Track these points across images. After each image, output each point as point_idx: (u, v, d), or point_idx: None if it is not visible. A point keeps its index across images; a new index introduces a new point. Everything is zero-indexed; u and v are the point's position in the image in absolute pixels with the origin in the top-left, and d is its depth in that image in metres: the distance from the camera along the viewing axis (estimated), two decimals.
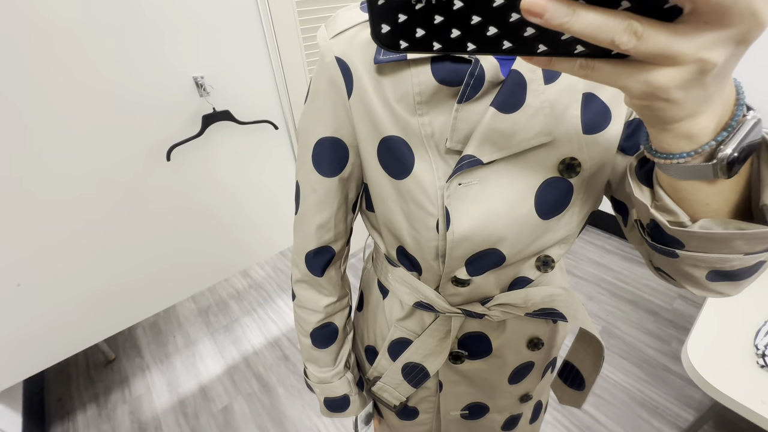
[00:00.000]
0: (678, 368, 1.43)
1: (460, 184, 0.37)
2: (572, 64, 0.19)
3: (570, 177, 0.37)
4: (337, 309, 0.54)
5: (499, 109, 0.35)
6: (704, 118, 0.21)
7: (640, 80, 0.18)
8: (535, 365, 0.53)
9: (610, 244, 2.11)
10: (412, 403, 0.59)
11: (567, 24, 0.16)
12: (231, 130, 1.33)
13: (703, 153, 0.22)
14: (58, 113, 1.00)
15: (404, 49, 0.20)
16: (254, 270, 2.14)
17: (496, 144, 0.35)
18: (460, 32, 0.19)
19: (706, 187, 0.25)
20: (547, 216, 0.39)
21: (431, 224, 0.40)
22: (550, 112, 0.35)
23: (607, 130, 0.36)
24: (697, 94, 0.19)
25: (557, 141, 0.36)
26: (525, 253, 0.42)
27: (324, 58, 0.40)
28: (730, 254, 0.27)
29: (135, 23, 1.03)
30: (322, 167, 0.44)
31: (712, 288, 0.33)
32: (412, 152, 0.38)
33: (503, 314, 0.46)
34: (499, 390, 0.54)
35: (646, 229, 0.32)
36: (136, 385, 1.54)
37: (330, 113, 0.42)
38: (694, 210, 0.27)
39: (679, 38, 0.16)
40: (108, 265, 1.24)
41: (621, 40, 0.16)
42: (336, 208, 0.46)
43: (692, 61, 0.17)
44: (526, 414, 0.61)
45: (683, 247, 0.29)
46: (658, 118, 0.21)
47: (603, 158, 0.37)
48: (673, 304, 1.71)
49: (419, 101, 0.37)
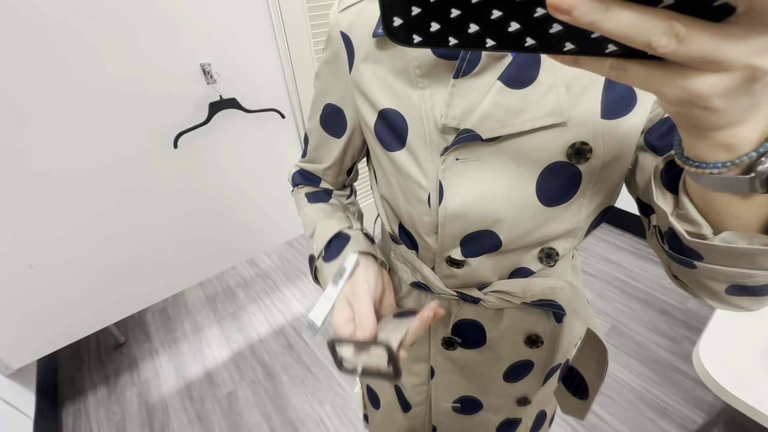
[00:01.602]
0: (688, 369, 1.39)
1: (457, 159, 0.36)
2: (602, 65, 0.18)
3: (579, 163, 0.34)
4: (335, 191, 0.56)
5: (507, 83, 0.33)
6: (747, 127, 0.19)
7: (677, 86, 0.16)
8: (534, 366, 0.50)
9: (623, 241, 2.05)
10: (405, 394, 0.57)
11: (599, 23, 0.14)
12: (238, 118, 1.32)
13: (741, 165, 0.20)
14: (68, 101, 1.01)
15: (417, 43, 0.19)
16: (261, 259, 2.16)
17: (499, 120, 0.33)
18: (478, 27, 0.17)
19: (740, 201, 0.23)
20: (551, 203, 0.36)
21: (423, 198, 0.39)
22: (564, 91, 0.32)
23: (628, 117, 0.33)
24: (742, 102, 0.17)
25: (570, 123, 0.33)
26: (525, 241, 0.39)
27: (331, 31, 0.42)
28: (754, 270, 0.25)
29: (142, 10, 1.03)
30: (328, 128, 0.48)
31: (732, 302, 0.30)
32: (406, 125, 0.38)
33: (499, 301, 0.44)
34: (492, 386, 0.52)
35: (665, 236, 0.30)
36: (145, 368, 1.58)
37: (334, 84, 0.44)
38: (723, 223, 0.24)
39: (728, 42, 0.14)
40: (117, 251, 1.26)
41: (659, 42, 0.14)
42: (332, 162, 0.51)
43: (741, 67, 0.15)
44: (526, 422, 0.58)
45: (702, 259, 0.27)
46: (694, 125, 0.19)
47: (620, 148, 0.34)
48: (687, 304, 1.66)
49: (419, 74, 0.36)
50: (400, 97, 0.38)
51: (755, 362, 0.89)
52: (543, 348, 0.49)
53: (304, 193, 0.55)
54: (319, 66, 0.46)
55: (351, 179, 0.56)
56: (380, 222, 0.53)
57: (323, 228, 0.48)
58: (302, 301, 1.85)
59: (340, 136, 0.47)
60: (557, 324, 0.48)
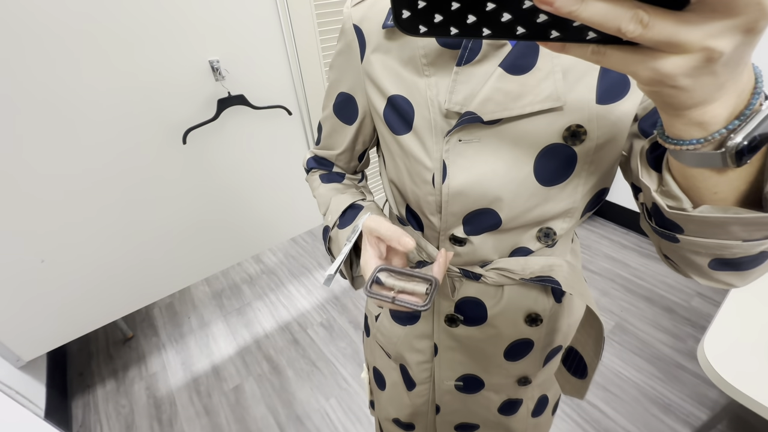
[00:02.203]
0: (693, 366, 1.40)
1: (460, 140, 0.38)
2: (585, 50, 0.20)
3: (574, 145, 0.37)
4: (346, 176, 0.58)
5: (507, 70, 0.35)
6: (717, 105, 0.21)
7: (648, 67, 0.19)
8: (534, 346, 0.52)
9: (627, 240, 2.05)
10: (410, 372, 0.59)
11: (576, 12, 0.17)
12: (246, 114, 1.34)
13: (714, 141, 0.22)
14: (78, 98, 1.03)
15: (423, 33, 0.21)
16: (267, 256, 2.18)
17: (500, 104, 0.35)
18: (475, 18, 0.20)
19: (716, 176, 0.25)
20: (548, 183, 0.38)
21: (427, 178, 0.42)
22: (561, 78, 0.35)
23: (622, 102, 0.35)
24: (707, 82, 0.19)
25: (567, 108, 0.35)
26: (523, 220, 0.41)
27: (344, 24, 0.44)
28: (729, 240, 0.27)
29: (153, 9, 1.04)
30: (341, 115, 0.50)
31: (717, 278, 0.32)
32: (413, 110, 0.41)
33: (499, 277, 0.46)
34: (493, 364, 0.53)
35: (651, 213, 0.32)
36: (153, 362, 1.60)
37: (347, 73, 0.47)
38: (702, 197, 0.26)
39: (686, 27, 0.17)
40: (126, 245, 1.28)
41: (627, 28, 0.17)
42: (344, 148, 0.53)
43: (698, 49, 0.17)
44: (527, 404, 0.60)
45: (682, 231, 0.29)
46: (669, 105, 0.22)
47: (613, 131, 0.36)
48: (691, 302, 1.66)
49: (425, 63, 0.39)
50: (407, 84, 0.41)
51: (760, 357, 0.90)
52: (542, 327, 0.50)
53: (318, 174, 0.58)
54: (333, 57, 0.48)
55: (362, 165, 0.59)
56: (388, 207, 0.56)
57: (337, 201, 0.51)
58: (307, 297, 1.87)
59: (352, 123, 0.50)
60: (556, 304, 0.50)
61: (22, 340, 1.20)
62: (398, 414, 0.65)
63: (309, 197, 1.73)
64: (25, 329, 1.19)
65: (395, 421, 0.67)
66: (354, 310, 1.77)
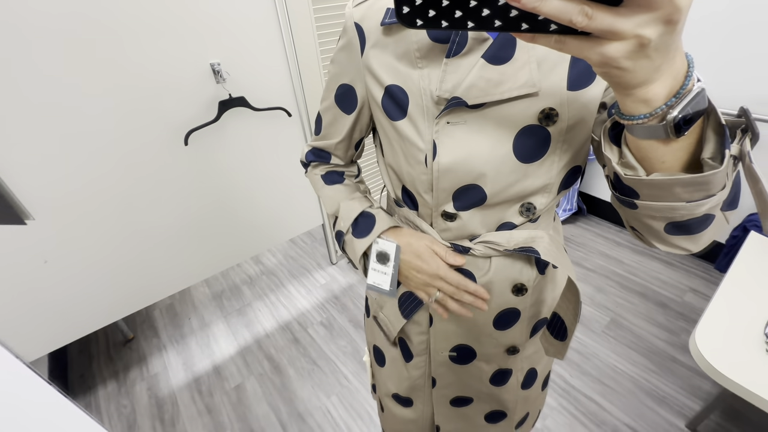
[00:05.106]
0: (686, 359, 1.43)
1: (448, 122, 0.43)
2: (549, 40, 0.25)
3: (548, 126, 0.42)
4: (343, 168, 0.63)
5: (489, 60, 0.40)
6: (656, 85, 0.26)
7: (596, 52, 0.24)
8: (521, 315, 0.56)
9: (621, 238, 2.09)
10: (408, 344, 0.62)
11: (538, 7, 0.22)
12: (246, 116, 1.36)
13: (657, 115, 0.27)
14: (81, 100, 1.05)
15: (419, 26, 0.26)
16: (266, 257, 2.19)
17: (482, 90, 0.40)
18: (461, 13, 0.25)
19: (662, 147, 0.30)
20: (526, 160, 0.43)
21: (420, 158, 0.47)
22: (536, 67, 0.40)
23: (589, 89, 0.40)
24: (645, 64, 0.24)
25: (542, 93, 0.40)
26: (506, 195, 0.46)
27: (347, 22, 0.49)
28: (675, 202, 0.32)
29: (154, 12, 1.06)
30: (341, 105, 0.54)
31: (673, 242, 0.37)
32: (408, 98, 0.45)
33: (486, 249, 0.50)
34: (484, 333, 0.57)
35: (614, 182, 0.37)
36: (154, 363, 1.61)
37: (348, 67, 0.51)
38: (653, 166, 0.32)
39: (620, 18, 0.22)
40: (127, 246, 1.29)
41: (577, 19, 0.22)
42: (343, 136, 0.57)
43: (632, 36, 0.22)
44: (517, 375, 0.63)
45: (638, 196, 0.34)
46: (619, 84, 0.26)
47: (582, 113, 0.41)
48: (684, 297, 1.70)
49: (418, 56, 0.44)
50: (402, 75, 0.45)
51: (750, 347, 0.93)
52: (528, 297, 0.54)
53: (319, 174, 0.62)
54: (334, 53, 0.53)
55: (358, 154, 0.64)
56: (386, 192, 0.60)
57: (348, 208, 0.57)
58: (307, 297, 1.88)
59: (351, 112, 0.54)
60: (540, 275, 0.54)
61: (25, 340, 1.21)
62: (397, 389, 0.69)
63: (308, 199, 1.76)
64: (27, 329, 1.20)
65: (395, 396, 0.70)
66: (354, 309, 1.79)
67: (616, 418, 1.27)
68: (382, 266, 0.54)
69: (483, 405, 0.66)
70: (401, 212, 0.57)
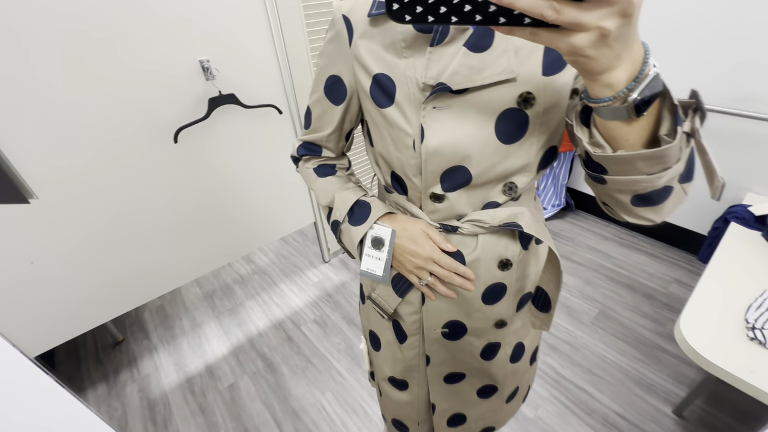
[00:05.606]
0: (672, 348, 1.47)
1: (434, 107, 0.46)
2: (524, 32, 0.28)
3: (526, 108, 0.45)
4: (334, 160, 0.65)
5: (470, 48, 0.43)
6: (618, 71, 0.29)
7: (565, 42, 0.27)
8: (507, 290, 0.58)
9: (608, 232, 2.14)
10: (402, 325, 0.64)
11: (513, 3, 0.25)
12: (236, 113, 1.35)
13: (620, 98, 0.31)
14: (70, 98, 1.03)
15: (408, 21, 0.29)
16: (257, 256, 2.18)
17: (465, 76, 0.43)
18: (446, 9, 0.27)
19: (625, 126, 0.33)
20: (507, 141, 0.46)
21: (409, 143, 0.49)
22: (514, 55, 0.43)
23: (561, 74, 0.44)
24: (606, 53, 0.27)
25: (519, 79, 0.44)
26: (490, 175, 0.49)
27: (335, 15, 0.51)
28: (638, 175, 0.35)
29: (143, 9, 1.05)
30: (331, 96, 0.56)
31: (639, 213, 0.41)
32: (395, 86, 0.48)
33: (473, 227, 0.53)
34: (473, 308, 0.59)
35: (585, 161, 0.41)
36: (144, 365, 1.58)
37: (337, 58, 0.53)
38: (618, 144, 0.35)
39: (584, 12, 0.25)
40: (116, 247, 1.27)
41: (547, 14, 0.25)
42: (334, 127, 0.59)
43: (594, 28, 0.25)
44: (505, 349, 0.65)
45: (606, 172, 0.38)
46: (586, 71, 0.30)
47: (556, 97, 0.45)
48: (669, 288, 1.74)
49: (404, 46, 0.46)
50: (389, 64, 0.48)
51: (732, 333, 0.96)
52: (513, 271, 0.57)
53: (312, 168, 0.63)
54: (323, 46, 0.54)
55: (348, 145, 0.65)
56: (376, 181, 0.62)
57: (343, 198, 0.59)
58: (300, 295, 1.88)
59: (340, 103, 0.56)
60: (524, 250, 0.57)
61: None
62: (393, 371, 0.70)
63: (300, 197, 1.75)
64: (11, 334, 1.17)
65: (390, 379, 0.72)
66: (347, 307, 1.79)
67: (606, 406, 1.31)
68: (376, 252, 0.56)
69: (474, 380, 0.68)
70: (391, 198, 0.59)
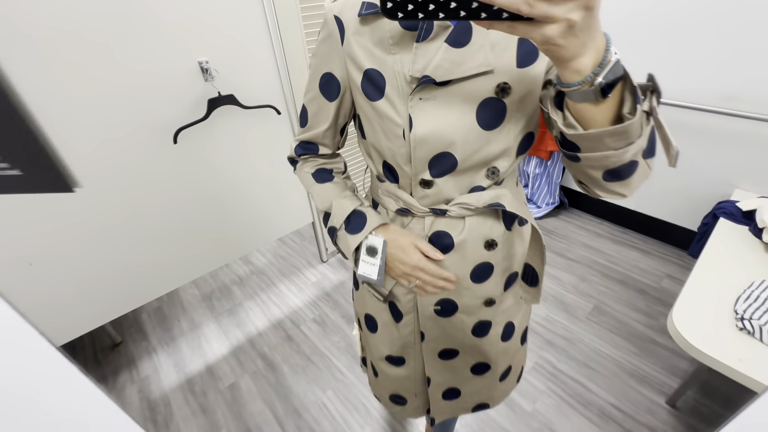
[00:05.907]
0: (665, 341, 1.51)
1: (420, 98, 0.50)
2: (503, 25, 0.32)
3: (503, 97, 0.49)
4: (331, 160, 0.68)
5: (451, 44, 0.47)
6: (584, 58, 0.33)
7: (538, 33, 0.31)
8: (494, 269, 0.62)
9: (601, 229, 2.18)
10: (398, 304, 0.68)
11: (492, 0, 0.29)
12: (235, 114, 1.36)
13: (587, 82, 0.35)
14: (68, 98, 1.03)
15: (400, 18, 0.32)
16: (255, 257, 2.18)
17: (447, 70, 0.48)
18: (434, 6, 0.31)
19: (593, 108, 0.38)
20: (488, 128, 0.51)
21: (399, 133, 0.53)
22: (491, 50, 0.47)
23: (534, 66, 0.49)
24: (574, 42, 0.31)
25: (496, 71, 0.48)
26: (474, 160, 0.53)
27: (327, 16, 0.54)
28: (606, 151, 0.40)
29: (143, 11, 1.06)
30: (326, 93, 0.59)
31: (610, 188, 0.46)
32: (384, 80, 0.52)
33: (460, 210, 0.57)
34: (463, 286, 0.62)
35: (560, 141, 0.45)
36: (144, 366, 1.58)
37: (329, 57, 0.56)
38: (588, 124, 0.39)
39: (554, 6, 0.29)
40: (114, 248, 1.27)
41: (522, 8, 0.29)
42: (329, 123, 0.62)
43: (562, 19, 0.30)
44: (496, 328, 0.68)
45: (579, 150, 0.42)
46: (557, 59, 0.34)
47: (531, 86, 0.49)
48: (661, 284, 1.78)
49: (391, 43, 0.50)
50: (378, 60, 0.52)
51: (722, 323, 1.00)
52: (498, 251, 0.61)
53: (309, 173, 0.66)
54: (316, 47, 0.58)
55: (343, 140, 0.69)
56: (369, 173, 0.68)
57: (340, 206, 0.63)
58: (298, 295, 1.89)
59: (334, 99, 0.59)
60: (508, 231, 0.61)
61: None
62: (390, 350, 0.74)
63: (297, 197, 1.76)
64: None
65: (388, 358, 0.75)
66: (346, 305, 1.80)
67: (602, 398, 1.34)
68: (371, 258, 0.60)
69: (468, 357, 0.71)
70: (384, 187, 0.63)
